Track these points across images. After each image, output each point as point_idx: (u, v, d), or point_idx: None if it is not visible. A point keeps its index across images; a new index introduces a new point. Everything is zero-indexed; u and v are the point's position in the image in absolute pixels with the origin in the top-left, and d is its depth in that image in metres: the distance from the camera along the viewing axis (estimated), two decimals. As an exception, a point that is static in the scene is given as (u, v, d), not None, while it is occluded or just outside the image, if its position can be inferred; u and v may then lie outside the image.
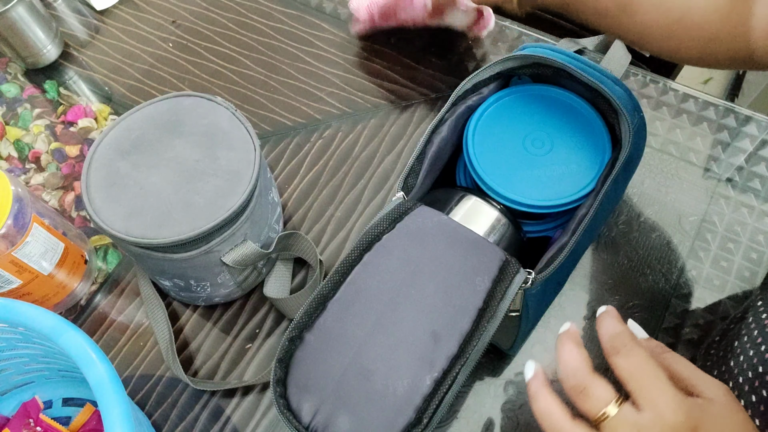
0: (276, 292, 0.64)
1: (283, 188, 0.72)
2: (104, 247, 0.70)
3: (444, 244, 0.45)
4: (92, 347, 0.44)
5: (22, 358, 0.55)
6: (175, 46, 0.83)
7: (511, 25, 0.81)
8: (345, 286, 0.45)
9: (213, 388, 0.60)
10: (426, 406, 0.41)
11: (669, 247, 0.65)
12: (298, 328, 0.44)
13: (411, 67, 0.79)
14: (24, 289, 0.59)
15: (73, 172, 0.74)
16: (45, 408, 0.59)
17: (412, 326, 0.43)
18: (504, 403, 0.58)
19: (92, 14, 0.87)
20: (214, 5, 0.86)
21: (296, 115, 0.77)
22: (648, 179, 0.68)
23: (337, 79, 0.79)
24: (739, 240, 0.65)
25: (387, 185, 0.71)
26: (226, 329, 0.64)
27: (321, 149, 0.74)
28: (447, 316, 0.43)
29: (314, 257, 0.63)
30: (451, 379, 0.42)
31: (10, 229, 0.55)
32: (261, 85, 0.79)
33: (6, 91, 0.81)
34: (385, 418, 0.41)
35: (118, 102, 0.79)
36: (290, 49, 0.81)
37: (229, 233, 0.55)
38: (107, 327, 0.65)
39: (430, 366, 0.42)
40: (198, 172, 0.55)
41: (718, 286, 0.63)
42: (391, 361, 0.42)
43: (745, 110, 0.72)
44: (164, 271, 0.58)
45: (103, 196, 0.55)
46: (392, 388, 0.42)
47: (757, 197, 0.67)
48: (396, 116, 0.75)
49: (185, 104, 0.59)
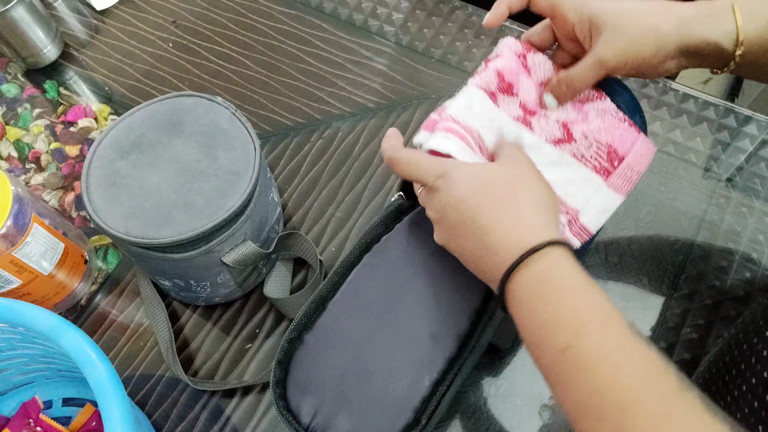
0: (276, 292, 0.64)
1: (283, 188, 0.72)
2: (104, 247, 0.70)
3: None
4: (92, 347, 0.44)
5: (22, 358, 0.55)
6: (175, 46, 0.83)
7: (511, 25, 0.81)
8: (344, 287, 0.45)
9: (213, 388, 0.60)
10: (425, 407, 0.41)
11: (669, 247, 0.65)
12: (297, 330, 0.44)
13: (411, 67, 0.79)
14: (24, 289, 0.59)
15: (73, 172, 0.74)
16: (45, 408, 0.59)
17: (411, 327, 0.43)
18: (504, 403, 0.58)
19: (92, 14, 0.87)
20: (214, 5, 0.86)
21: (296, 115, 0.77)
22: (648, 179, 0.68)
23: (337, 79, 0.79)
24: (739, 240, 0.65)
25: (387, 185, 0.71)
26: (226, 329, 0.64)
27: (321, 149, 0.74)
28: (445, 317, 0.43)
29: (314, 257, 0.63)
30: (449, 380, 0.42)
31: (10, 229, 0.55)
32: (261, 85, 0.79)
33: (6, 91, 0.81)
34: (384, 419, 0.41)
35: (118, 102, 0.79)
36: (290, 49, 0.81)
37: (229, 233, 0.55)
38: (107, 327, 0.65)
39: (428, 367, 0.42)
40: (198, 172, 0.55)
41: (718, 286, 0.62)
42: (390, 362, 0.42)
43: (745, 110, 0.72)
44: (164, 271, 0.58)
45: (103, 196, 0.55)
46: (391, 389, 0.42)
47: (757, 197, 0.67)
48: (396, 116, 0.75)
49: (185, 104, 0.59)
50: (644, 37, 0.44)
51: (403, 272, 0.45)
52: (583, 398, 0.34)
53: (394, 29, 0.82)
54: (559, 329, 0.36)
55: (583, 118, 0.48)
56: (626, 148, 0.47)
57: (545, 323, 0.36)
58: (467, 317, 0.43)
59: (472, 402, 0.58)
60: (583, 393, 0.34)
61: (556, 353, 0.35)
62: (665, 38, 0.43)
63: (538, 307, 0.37)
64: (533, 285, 0.37)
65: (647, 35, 0.44)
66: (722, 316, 0.61)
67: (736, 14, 0.42)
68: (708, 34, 0.43)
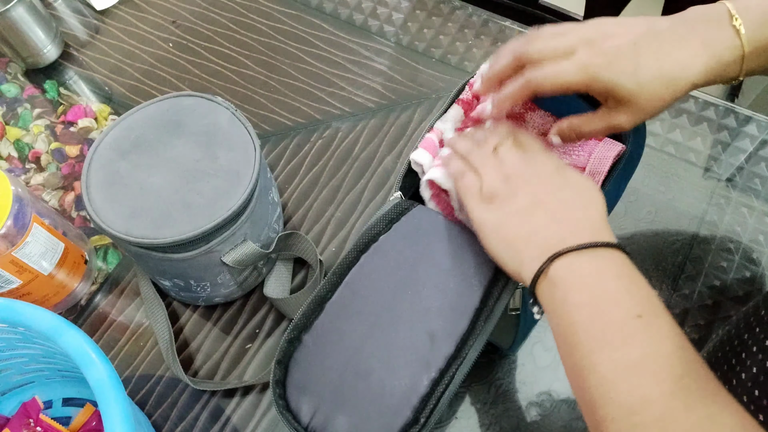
0: (276, 292, 0.64)
1: (283, 188, 0.72)
2: (104, 247, 0.70)
3: (441, 244, 0.45)
4: (92, 347, 0.45)
5: (22, 358, 0.55)
6: (175, 46, 0.83)
7: (511, 25, 0.81)
8: (342, 287, 0.45)
9: (213, 388, 0.60)
10: (423, 406, 0.41)
11: (669, 247, 0.65)
12: (296, 330, 0.44)
13: (411, 67, 0.79)
14: (24, 289, 0.59)
15: (73, 172, 0.74)
16: (45, 408, 0.59)
17: (409, 327, 0.43)
18: (504, 403, 0.58)
19: (92, 14, 0.87)
20: (214, 5, 0.86)
21: (296, 115, 0.77)
22: (648, 179, 0.68)
23: (337, 79, 0.79)
24: (739, 240, 0.65)
25: (387, 185, 0.71)
26: (226, 329, 0.64)
27: (321, 149, 0.74)
28: (444, 317, 0.43)
29: (314, 257, 0.63)
30: (448, 379, 0.42)
31: (10, 229, 0.55)
32: (261, 85, 0.79)
33: (6, 91, 0.81)
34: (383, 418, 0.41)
35: (118, 102, 0.79)
36: (290, 49, 0.81)
37: (229, 233, 0.55)
38: (107, 327, 0.65)
39: (427, 366, 0.42)
40: (198, 172, 0.55)
41: (718, 287, 0.62)
42: (388, 362, 0.42)
43: (745, 110, 0.72)
44: (164, 271, 0.58)
45: (103, 196, 0.55)
46: (390, 389, 0.42)
47: (757, 197, 0.67)
48: (396, 116, 0.75)
49: (185, 104, 0.59)
50: (665, 107, 0.44)
51: (401, 272, 0.45)
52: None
53: (394, 29, 0.82)
54: (636, 299, 0.37)
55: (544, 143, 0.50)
56: (584, 161, 0.49)
57: (612, 293, 0.37)
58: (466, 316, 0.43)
59: (472, 402, 0.58)
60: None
61: (630, 319, 0.36)
62: (684, 93, 0.43)
63: (608, 279, 0.38)
64: (602, 262, 0.38)
65: (669, 105, 0.44)
66: (722, 316, 0.61)
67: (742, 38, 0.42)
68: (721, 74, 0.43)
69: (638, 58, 0.42)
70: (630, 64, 0.42)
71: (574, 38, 0.44)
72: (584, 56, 0.43)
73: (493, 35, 0.80)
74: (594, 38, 0.43)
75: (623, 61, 0.42)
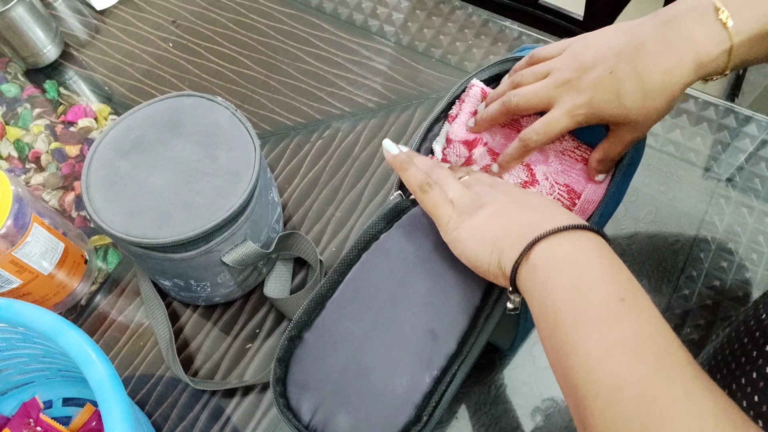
0: (276, 292, 0.64)
1: (283, 188, 0.72)
2: (104, 247, 0.70)
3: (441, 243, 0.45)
4: (92, 347, 0.44)
5: (22, 358, 0.55)
6: (175, 46, 0.83)
7: (511, 25, 0.81)
8: (343, 285, 0.45)
9: (213, 388, 0.60)
10: (425, 404, 0.41)
11: (669, 247, 0.65)
12: (297, 328, 0.44)
13: (411, 67, 0.79)
14: (24, 289, 0.59)
15: (73, 172, 0.74)
16: (45, 408, 0.59)
17: (411, 325, 0.43)
18: (504, 403, 0.58)
19: (92, 14, 0.87)
20: (214, 5, 0.86)
21: (296, 115, 0.77)
22: (648, 179, 0.68)
23: (337, 79, 0.79)
24: (740, 240, 0.65)
25: (387, 185, 0.71)
26: (226, 329, 0.64)
27: (321, 149, 0.74)
28: (445, 315, 0.43)
29: (314, 257, 0.63)
30: (449, 377, 0.42)
31: (10, 229, 0.55)
32: (261, 85, 0.79)
33: (6, 91, 0.81)
34: (385, 416, 0.41)
35: (118, 102, 0.79)
36: (290, 49, 0.81)
37: (229, 233, 0.55)
38: (107, 327, 0.65)
39: (428, 364, 0.42)
40: (198, 172, 0.55)
41: (718, 287, 0.62)
42: (389, 360, 0.42)
43: (745, 110, 0.72)
44: (164, 271, 0.58)
45: (103, 196, 0.55)
46: (391, 387, 0.42)
47: (757, 197, 0.67)
48: (396, 116, 0.75)
49: (185, 104, 0.59)
50: (665, 111, 0.44)
51: (402, 270, 0.45)
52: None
53: (394, 29, 0.82)
54: (617, 281, 0.37)
55: (544, 159, 0.51)
56: (582, 186, 0.50)
57: (595, 274, 0.37)
58: (467, 315, 0.43)
59: (472, 402, 0.58)
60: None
61: (612, 301, 0.36)
62: (679, 93, 0.44)
63: (589, 260, 0.37)
64: (582, 244, 0.38)
65: (668, 107, 0.44)
66: (722, 316, 0.61)
67: (730, 32, 0.42)
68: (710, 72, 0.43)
69: (618, 84, 0.43)
70: (612, 93, 0.43)
71: (552, 83, 0.46)
72: (567, 103, 0.45)
73: (493, 35, 0.80)
74: (571, 78, 0.45)
75: (605, 94, 0.44)
